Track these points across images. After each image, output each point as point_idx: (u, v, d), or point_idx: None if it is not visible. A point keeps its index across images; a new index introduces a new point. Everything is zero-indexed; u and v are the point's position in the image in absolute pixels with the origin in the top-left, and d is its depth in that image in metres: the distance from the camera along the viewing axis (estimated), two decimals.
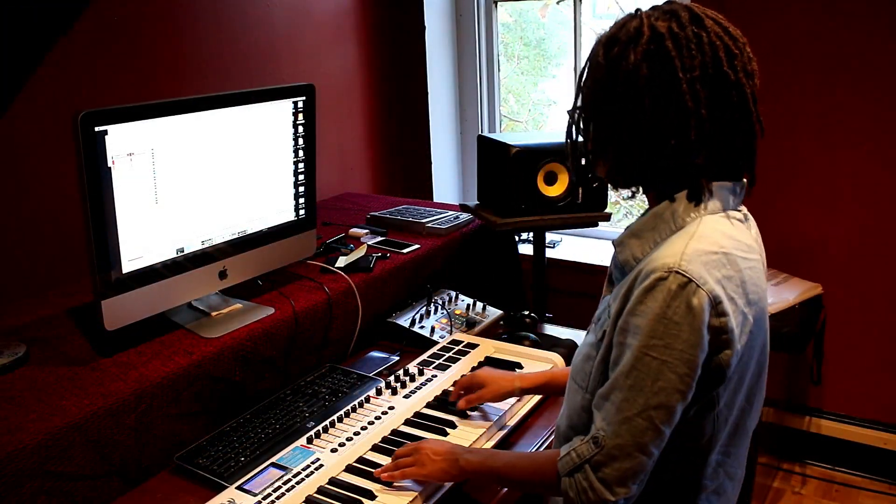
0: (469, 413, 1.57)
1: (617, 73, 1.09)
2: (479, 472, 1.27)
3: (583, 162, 1.21)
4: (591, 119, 1.16)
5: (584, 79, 1.16)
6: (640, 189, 1.19)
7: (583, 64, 1.18)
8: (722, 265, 1.05)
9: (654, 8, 1.12)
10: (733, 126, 1.08)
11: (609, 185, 1.24)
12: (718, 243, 1.07)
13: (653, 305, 1.03)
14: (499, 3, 3.28)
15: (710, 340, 1.03)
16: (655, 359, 1.03)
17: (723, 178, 1.12)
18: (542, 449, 1.52)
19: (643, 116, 1.07)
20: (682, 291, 1.02)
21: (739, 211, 1.16)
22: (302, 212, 1.90)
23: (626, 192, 1.22)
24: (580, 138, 1.20)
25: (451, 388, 1.63)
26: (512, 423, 1.57)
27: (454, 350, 1.85)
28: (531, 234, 2.31)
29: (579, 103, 1.18)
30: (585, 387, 1.17)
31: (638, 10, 1.12)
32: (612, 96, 1.10)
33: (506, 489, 1.39)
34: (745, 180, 1.16)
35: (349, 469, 1.42)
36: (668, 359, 1.02)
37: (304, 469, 1.39)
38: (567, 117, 1.21)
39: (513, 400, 1.61)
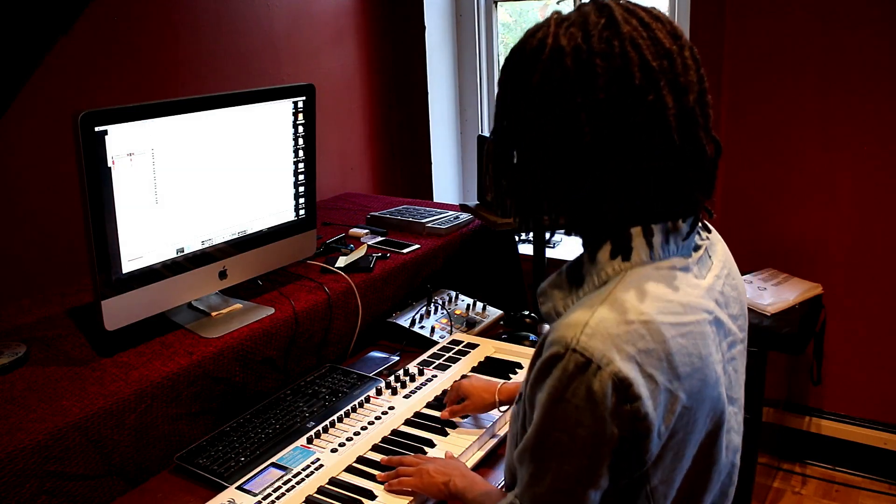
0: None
1: (516, 94, 0.93)
2: (462, 497, 1.28)
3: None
4: (509, 146, 0.97)
5: (496, 101, 0.99)
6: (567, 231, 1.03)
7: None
8: (639, 337, 0.87)
9: (575, 8, 0.94)
10: (657, 155, 0.89)
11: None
12: (637, 309, 0.88)
13: (550, 384, 0.89)
14: (499, 3, 3.28)
15: (620, 427, 0.87)
16: (558, 442, 0.90)
17: (659, 220, 0.93)
18: None
19: (546, 147, 0.91)
20: (582, 374, 0.86)
21: (689, 255, 0.97)
22: (302, 212, 1.90)
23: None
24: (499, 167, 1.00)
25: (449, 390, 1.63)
26: (502, 432, 1.55)
27: (454, 350, 1.85)
28: (531, 234, 2.30)
29: (495, 126, 0.99)
30: (515, 444, 1.06)
31: (554, 13, 0.95)
32: (517, 121, 0.94)
33: None
34: (697, 215, 0.96)
35: (349, 469, 1.42)
36: (571, 445, 0.89)
37: (304, 469, 1.39)
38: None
39: (503, 407, 1.60)
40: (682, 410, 0.91)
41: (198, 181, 1.62)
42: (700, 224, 1.00)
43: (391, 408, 1.61)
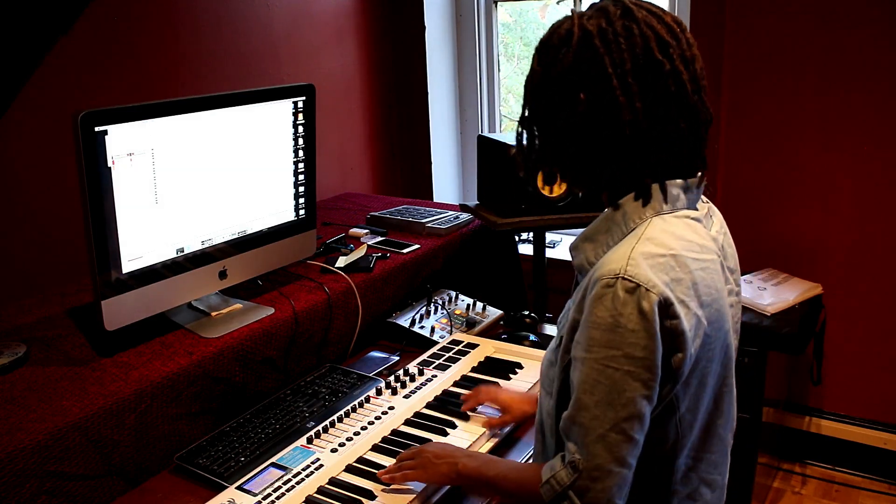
0: (470, 413, 1.57)
1: (551, 78, 1.09)
2: (474, 478, 1.27)
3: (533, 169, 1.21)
4: (536, 127, 1.16)
5: (525, 87, 1.17)
6: (595, 191, 1.18)
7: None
8: (670, 268, 1.03)
9: (589, 7, 1.12)
10: (674, 117, 1.06)
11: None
12: (666, 245, 1.05)
13: (604, 315, 1.02)
14: (499, 3, 3.28)
15: (664, 342, 1.01)
16: (618, 370, 1.01)
17: (674, 176, 1.10)
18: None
19: (580, 118, 1.08)
20: (632, 297, 1.00)
21: (698, 209, 1.14)
22: (302, 212, 1.90)
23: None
24: (529, 145, 1.19)
25: (464, 392, 1.62)
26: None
27: (454, 350, 1.85)
28: (531, 234, 2.31)
29: (526, 113, 1.17)
30: (551, 392, 1.16)
31: (572, 10, 1.13)
32: (550, 101, 1.11)
33: None
34: (700, 175, 1.13)
35: (349, 469, 1.42)
36: (631, 368, 1.00)
37: (304, 469, 1.39)
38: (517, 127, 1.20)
39: (520, 393, 1.61)
40: (705, 337, 1.06)
41: (198, 181, 1.62)
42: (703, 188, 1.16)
43: (391, 408, 1.60)
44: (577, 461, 1.04)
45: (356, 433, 1.51)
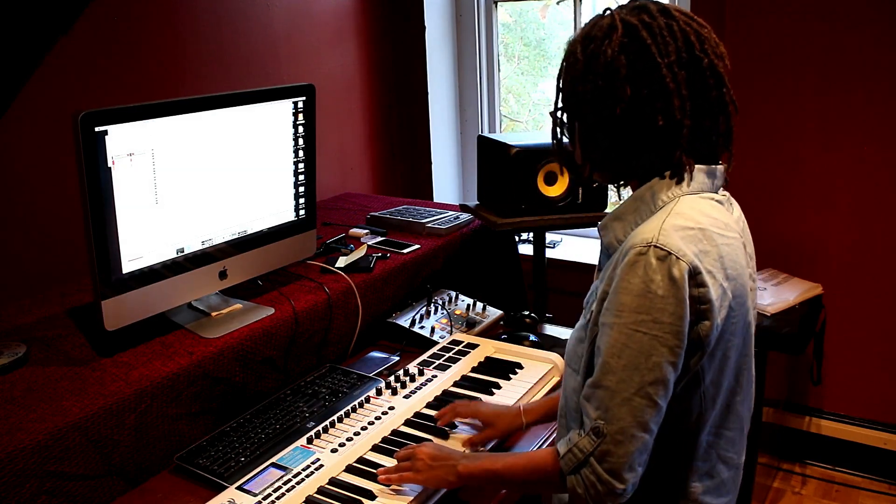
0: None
1: (596, 68, 1.12)
2: (479, 476, 1.26)
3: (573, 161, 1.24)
4: (576, 117, 1.19)
5: (563, 79, 1.20)
6: (626, 181, 1.22)
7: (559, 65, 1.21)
8: (698, 240, 1.08)
9: (621, 7, 1.17)
10: (711, 106, 1.13)
11: (603, 182, 1.27)
12: (694, 219, 1.10)
13: (635, 281, 1.06)
14: (499, 3, 3.28)
15: (692, 309, 1.05)
16: (646, 334, 1.05)
17: (704, 161, 1.16)
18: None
19: (627, 105, 1.11)
20: (663, 264, 1.04)
21: (721, 195, 1.19)
22: (302, 212, 1.90)
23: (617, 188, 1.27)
24: (566, 139, 1.24)
25: (457, 382, 1.62)
26: None
27: (454, 350, 1.85)
28: (531, 234, 2.31)
29: (560, 104, 1.21)
30: (578, 369, 1.19)
31: (607, 9, 1.16)
32: (595, 90, 1.13)
33: (504, 492, 1.39)
34: (722, 165, 1.19)
35: (349, 469, 1.42)
36: (659, 333, 1.04)
37: (304, 469, 1.39)
38: (551, 120, 1.24)
39: (519, 393, 1.63)
40: (729, 310, 1.10)
41: (198, 181, 1.62)
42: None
43: (391, 408, 1.60)
44: (600, 426, 1.07)
45: (356, 433, 1.51)
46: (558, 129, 1.24)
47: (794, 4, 2.45)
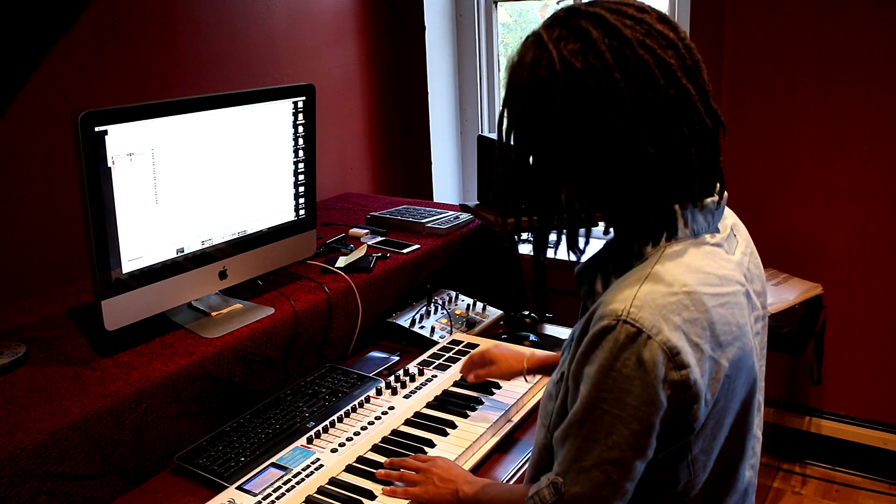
0: (469, 413, 1.57)
1: (541, 123, 0.96)
2: (472, 503, 1.27)
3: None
4: (530, 173, 1.03)
5: (504, 128, 1.02)
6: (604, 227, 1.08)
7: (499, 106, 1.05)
8: (683, 307, 0.92)
9: (557, 24, 0.95)
10: (686, 141, 0.94)
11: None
12: (680, 281, 0.94)
13: (601, 356, 0.93)
14: (499, 3, 3.28)
15: (669, 396, 0.92)
16: (607, 412, 0.93)
17: (688, 199, 0.98)
18: None
19: (582, 166, 0.96)
20: (632, 344, 0.90)
21: (720, 230, 1.03)
22: (302, 212, 1.90)
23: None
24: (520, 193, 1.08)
25: (457, 382, 1.65)
26: (517, 418, 1.58)
27: (454, 350, 1.85)
28: (531, 234, 2.30)
29: (500, 155, 1.04)
30: (548, 426, 1.11)
31: (539, 35, 0.96)
32: (545, 148, 0.98)
33: None
34: (718, 192, 1.02)
35: (349, 469, 1.42)
36: (621, 414, 0.92)
37: (304, 469, 1.39)
38: (496, 162, 1.06)
39: (518, 393, 1.63)
40: (725, 379, 0.96)
41: (198, 181, 1.62)
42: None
43: (391, 408, 1.60)
44: (559, 483, 1.00)
45: (356, 433, 1.51)
46: (500, 187, 1.07)
47: (794, 4, 2.45)
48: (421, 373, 1.74)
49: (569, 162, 0.97)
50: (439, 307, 2.11)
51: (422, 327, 2.01)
